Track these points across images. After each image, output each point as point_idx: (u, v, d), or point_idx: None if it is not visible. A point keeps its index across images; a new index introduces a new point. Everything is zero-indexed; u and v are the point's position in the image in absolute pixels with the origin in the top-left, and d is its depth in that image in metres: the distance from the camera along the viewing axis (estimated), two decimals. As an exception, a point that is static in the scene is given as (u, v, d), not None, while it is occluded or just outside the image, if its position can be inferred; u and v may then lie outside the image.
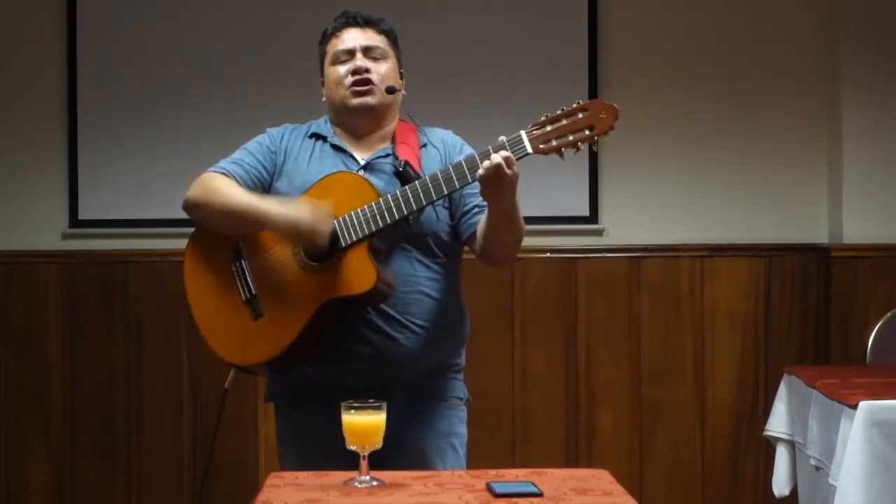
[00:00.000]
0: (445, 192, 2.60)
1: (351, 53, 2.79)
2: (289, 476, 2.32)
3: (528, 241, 4.49)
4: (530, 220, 4.50)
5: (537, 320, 4.53)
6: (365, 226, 2.59)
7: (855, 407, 3.23)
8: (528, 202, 4.46)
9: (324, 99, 2.86)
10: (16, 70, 4.58)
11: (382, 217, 2.59)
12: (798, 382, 3.80)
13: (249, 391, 4.49)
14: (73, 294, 4.51)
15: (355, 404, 2.27)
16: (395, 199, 2.60)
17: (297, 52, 4.55)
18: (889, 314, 4.38)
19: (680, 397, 4.55)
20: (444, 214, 2.76)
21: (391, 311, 2.67)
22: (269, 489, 2.22)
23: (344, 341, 2.67)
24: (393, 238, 2.66)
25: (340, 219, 2.61)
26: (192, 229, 4.94)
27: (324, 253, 2.61)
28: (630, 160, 4.62)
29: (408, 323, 2.68)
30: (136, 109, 4.54)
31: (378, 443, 2.26)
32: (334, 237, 2.60)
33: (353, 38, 2.80)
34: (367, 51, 2.79)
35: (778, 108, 4.63)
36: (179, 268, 4.73)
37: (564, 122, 2.57)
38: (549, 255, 4.54)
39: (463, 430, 2.82)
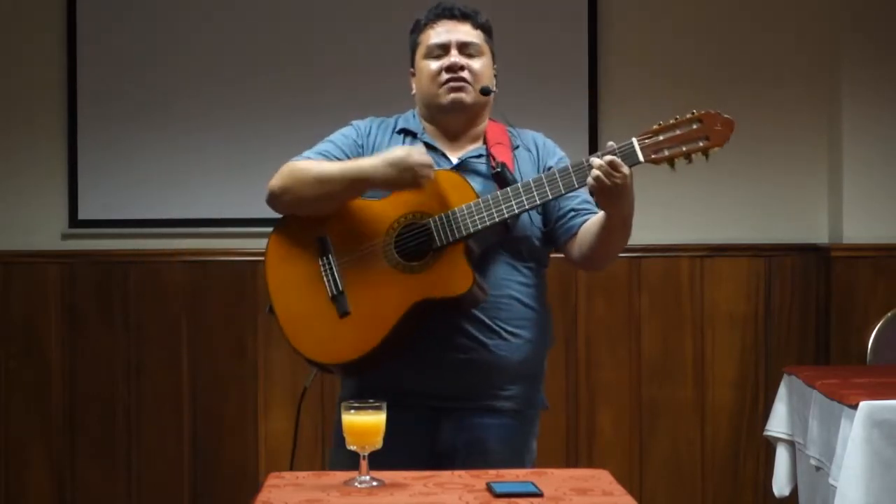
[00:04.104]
0: (550, 196, 2.50)
1: (445, 48, 2.65)
2: (289, 476, 2.31)
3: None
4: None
5: (537, 320, 4.52)
6: (462, 226, 2.49)
7: (855, 407, 3.22)
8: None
9: (413, 91, 2.74)
10: (16, 70, 4.57)
11: (482, 219, 2.49)
12: (798, 382, 3.79)
13: (249, 391, 4.49)
14: (73, 294, 4.50)
15: (355, 404, 2.26)
16: (497, 200, 2.50)
17: (298, 50, 4.56)
18: (889, 314, 4.37)
19: (680, 397, 4.55)
20: (537, 219, 2.66)
21: (481, 316, 2.57)
22: (269, 489, 2.21)
23: (430, 345, 2.56)
24: (488, 241, 2.55)
25: (437, 217, 2.51)
26: (190, 230, 4.90)
27: (417, 252, 2.52)
28: (630, 160, 4.61)
29: (497, 328, 2.59)
30: (136, 110, 4.53)
31: (378, 443, 2.25)
32: (429, 237, 2.51)
33: (447, 31, 2.66)
34: (463, 47, 2.65)
35: (778, 107, 4.63)
36: (180, 268, 4.72)
37: (678, 131, 2.50)
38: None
39: (534, 445, 2.72)
